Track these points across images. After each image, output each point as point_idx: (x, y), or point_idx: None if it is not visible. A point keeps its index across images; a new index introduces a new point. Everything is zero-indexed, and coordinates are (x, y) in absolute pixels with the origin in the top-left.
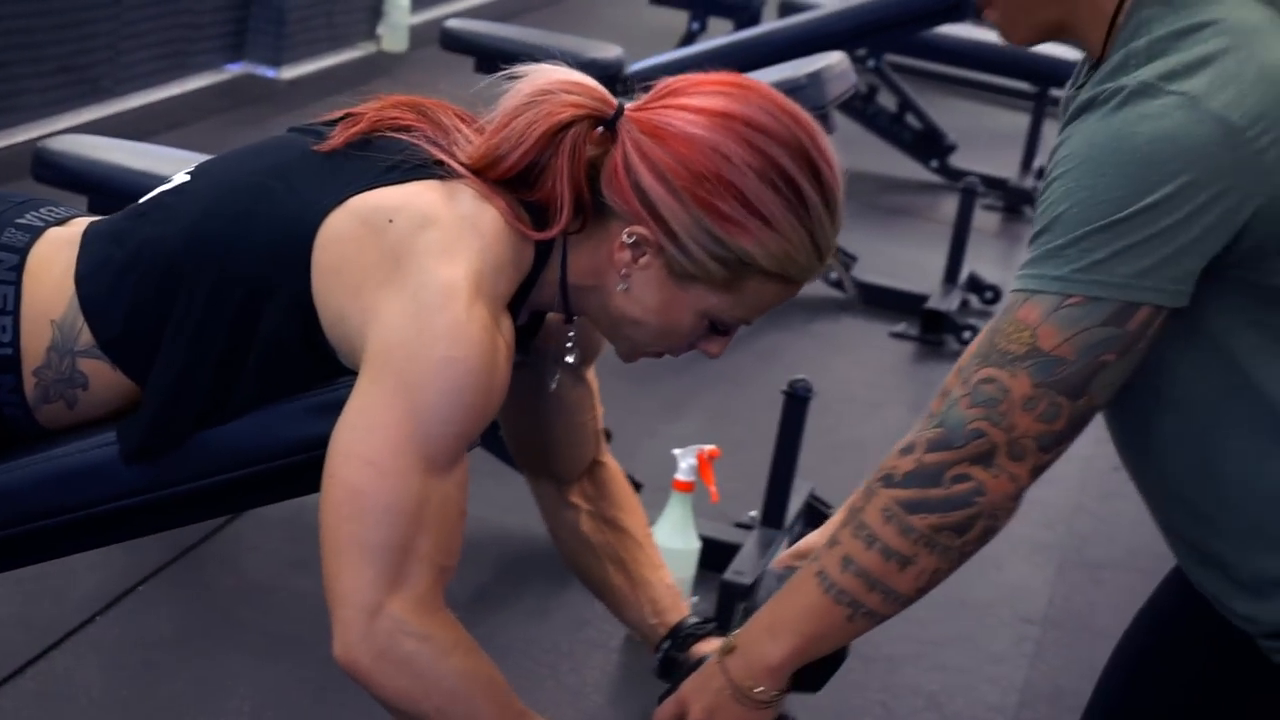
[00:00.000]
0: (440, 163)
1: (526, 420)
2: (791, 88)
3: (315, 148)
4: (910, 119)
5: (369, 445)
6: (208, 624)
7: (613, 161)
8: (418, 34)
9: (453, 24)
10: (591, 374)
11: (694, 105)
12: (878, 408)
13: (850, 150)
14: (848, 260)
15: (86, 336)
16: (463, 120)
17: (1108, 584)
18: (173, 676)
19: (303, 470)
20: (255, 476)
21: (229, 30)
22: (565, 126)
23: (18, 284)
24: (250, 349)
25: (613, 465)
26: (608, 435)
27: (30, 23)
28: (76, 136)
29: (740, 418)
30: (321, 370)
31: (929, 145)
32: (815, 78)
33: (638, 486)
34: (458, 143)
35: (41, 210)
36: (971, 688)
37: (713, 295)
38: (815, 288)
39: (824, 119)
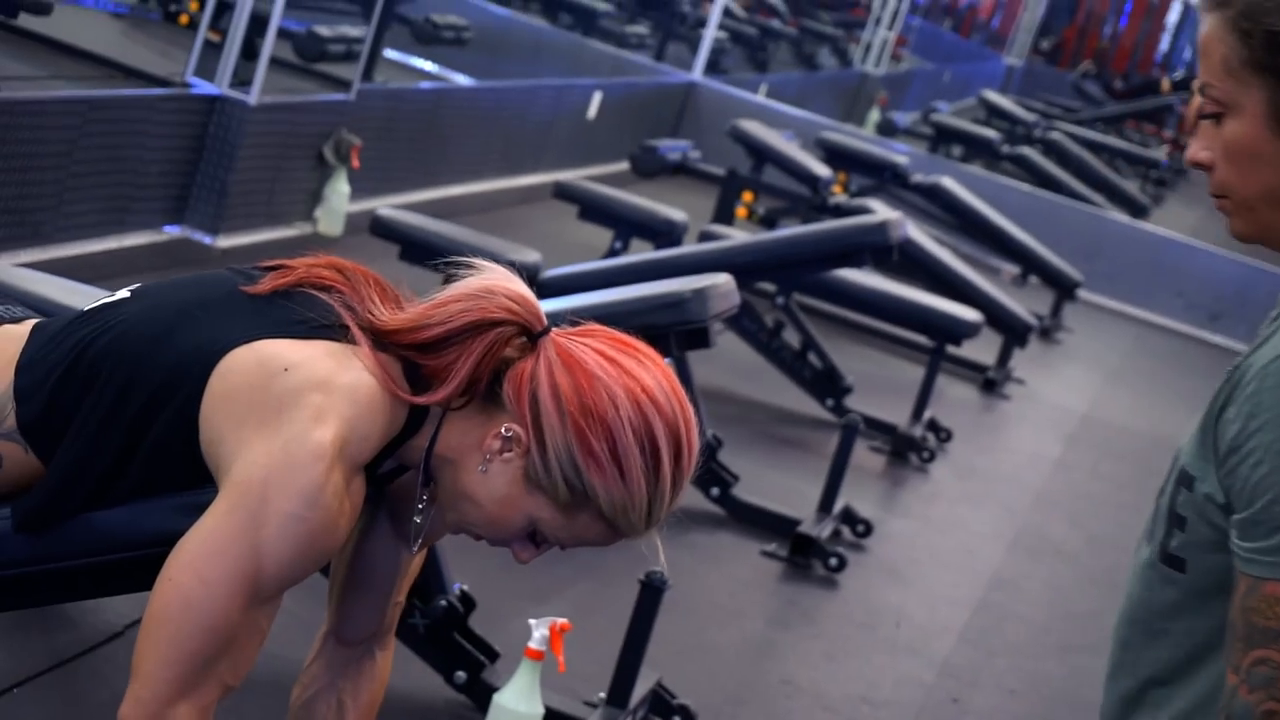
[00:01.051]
0: (345, 327)
1: (344, 566)
2: (675, 301)
3: (243, 288)
4: (812, 357)
5: (209, 566)
6: None
7: (522, 367)
8: (353, 221)
9: (384, 213)
10: (416, 564)
11: (608, 354)
12: (738, 616)
13: (751, 380)
14: (730, 479)
15: (10, 421)
16: (380, 289)
17: None
18: None
19: (155, 563)
20: (121, 562)
21: (172, 194)
22: (494, 324)
23: None
24: (140, 448)
25: (384, 662)
26: (471, 602)
27: None
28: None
29: (604, 610)
30: (196, 477)
31: (827, 384)
32: (699, 294)
33: (494, 656)
34: (371, 309)
35: (1, 308)
36: None
37: (549, 510)
38: (696, 500)
39: (703, 333)
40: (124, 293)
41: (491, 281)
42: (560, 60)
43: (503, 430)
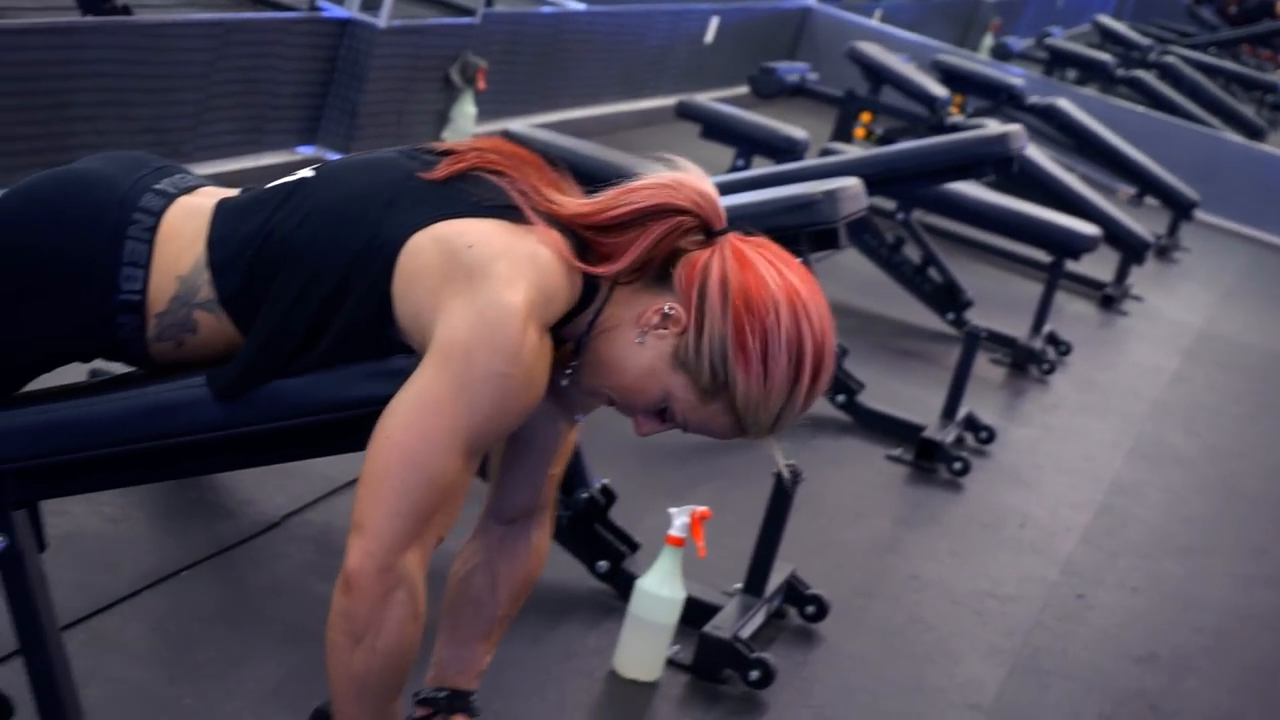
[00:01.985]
0: (516, 207)
1: (503, 442)
2: (807, 202)
3: (420, 174)
4: (932, 272)
5: (426, 423)
6: (240, 611)
7: (697, 255)
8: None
9: (516, 129)
10: (570, 440)
11: (778, 268)
12: (864, 516)
13: (872, 294)
14: (855, 386)
15: (205, 292)
16: (543, 173)
17: (1053, 690)
18: (207, 646)
19: (354, 425)
20: (314, 425)
21: (305, 115)
22: (678, 212)
23: (151, 243)
24: (331, 323)
25: (539, 540)
26: (612, 496)
27: (126, 83)
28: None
29: (733, 508)
30: (382, 350)
31: (947, 298)
32: (830, 195)
33: (634, 546)
34: (544, 192)
35: (175, 177)
36: None
37: (686, 390)
38: (821, 407)
39: (834, 235)
40: (307, 171)
41: (682, 175)
42: None
43: (665, 307)
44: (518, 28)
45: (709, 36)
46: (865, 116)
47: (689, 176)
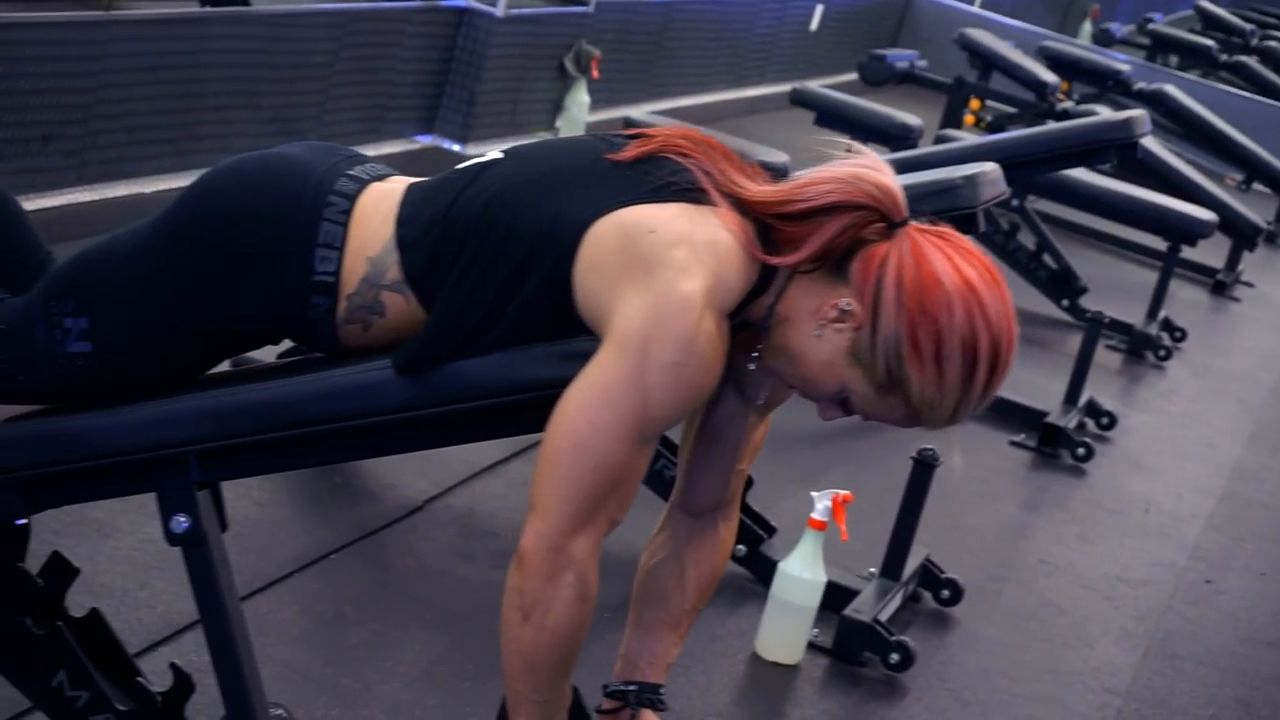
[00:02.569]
0: (703, 190)
1: (691, 436)
2: (947, 187)
3: (607, 155)
4: (1047, 258)
5: (599, 412)
6: (388, 594)
7: (875, 250)
8: (593, 130)
9: (634, 114)
10: (763, 433)
11: (956, 262)
12: (991, 502)
13: None
14: None
15: (394, 273)
16: (729, 159)
17: (1188, 674)
18: (359, 628)
19: (535, 407)
20: (495, 408)
21: (423, 104)
22: (857, 208)
23: (345, 225)
24: (511, 303)
25: (726, 534)
26: (749, 481)
27: (252, 73)
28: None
29: (863, 493)
30: (562, 330)
31: (1062, 285)
32: (970, 180)
33: (771, 531)
34: (731, 177)
35: (367, 165)
36: None
37: (863, 384)
38: None
39: (973, 220)
40: (497, 153)
41: (861, 169)
42: None
43: (842, 303)
44: (629, 16)
45: (814, 24)
46: (975, 103)
47: (867, 169)
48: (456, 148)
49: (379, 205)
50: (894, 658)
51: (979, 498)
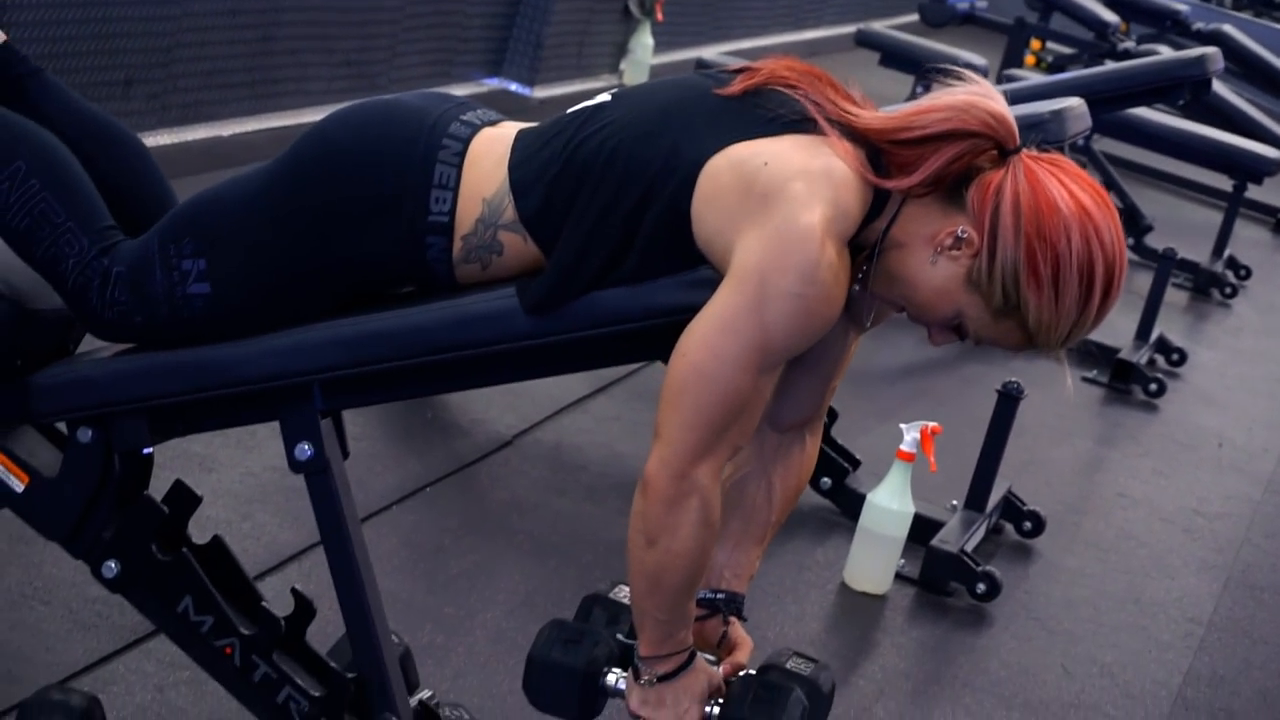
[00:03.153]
0: (812, 120)
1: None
2: (1035, 122)
3: (716, 90)
4: (1113, 197)
5: (721, 343)
6: (484, 525)
7: (991, 177)
8: (655, 73)
9: (707, 55)
10: (852, 350)
11: (1070, 188)
12: (1067, 436)
13: None
14: None
15: (510, 213)
16: (834, 88)
17: (1268, 604)
18: (460, 559)
19: (661, 333)
20: (622, 334)
21: (491, 48)
22: (971, 135)
23: (459, 167)
24: (635, 239)
25: (812, 449)
26: (834, 415)
27: (325, 16)
28: None
29: (942, 428)
30: (686, 263)
31: (1128, 223)
32: (1058, 115)
33: (856, 464)
34: (841, 105)
35: (479, 111)
36: (1141, 666)
37: (979, 309)
38: None
39: (1060, 154)
40: (605, 96)
41: (974, 97)
42: None
43: (958, 230)
44: None
45: None
46: (1035, 44)
47: (980, 96)
48: (525, 91)
49: (492, 149)
50: (980, 587)
51: (1055, 431)
